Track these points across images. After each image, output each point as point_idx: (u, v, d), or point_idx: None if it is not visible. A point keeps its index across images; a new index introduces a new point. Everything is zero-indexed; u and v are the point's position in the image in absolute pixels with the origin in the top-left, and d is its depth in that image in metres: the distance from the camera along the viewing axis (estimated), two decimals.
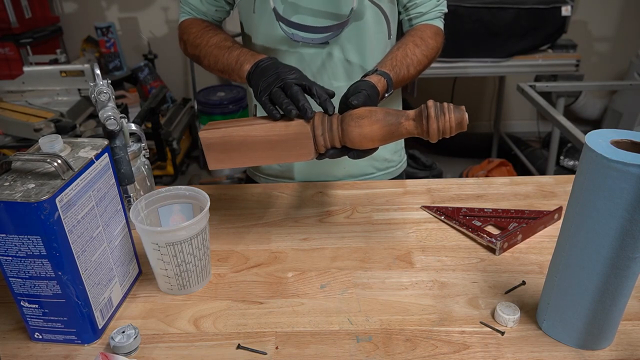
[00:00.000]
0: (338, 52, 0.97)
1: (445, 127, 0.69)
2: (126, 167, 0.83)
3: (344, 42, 0.96)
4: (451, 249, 0.85)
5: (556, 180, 1.05)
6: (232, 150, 0.76)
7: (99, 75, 0.79)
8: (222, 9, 1.03)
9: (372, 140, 0.73)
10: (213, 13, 1.03)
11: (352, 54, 0.97)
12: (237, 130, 0.76)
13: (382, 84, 0.83)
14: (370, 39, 0.97)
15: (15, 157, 0.62)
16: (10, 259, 0.60)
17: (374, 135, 0.72)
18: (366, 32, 0.96)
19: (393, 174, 1.16)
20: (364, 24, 0.95)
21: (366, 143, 0.73)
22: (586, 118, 3.39)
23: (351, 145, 0.74)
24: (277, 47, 0.98)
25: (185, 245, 0.71)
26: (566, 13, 2.47)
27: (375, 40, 0.98)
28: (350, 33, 0.95)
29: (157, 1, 3.26)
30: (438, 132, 0.70)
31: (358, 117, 0.73)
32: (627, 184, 0.53)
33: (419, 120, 0.71)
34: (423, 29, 0.98)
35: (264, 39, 0.99)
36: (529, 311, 0.70)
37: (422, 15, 1.00)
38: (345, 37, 0.95)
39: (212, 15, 1.03)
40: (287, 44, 0.96)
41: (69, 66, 2.54)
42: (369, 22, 0.96)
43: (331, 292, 0.75)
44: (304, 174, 1.10)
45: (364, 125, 0.72)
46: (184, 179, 3.11)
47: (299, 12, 0.93)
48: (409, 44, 0.93)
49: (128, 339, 0.64)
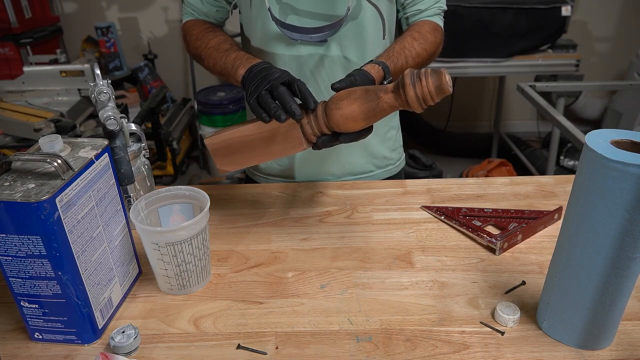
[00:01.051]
0: (336, 51, 0.97)
1: (424, 93, 0.67)
2: (126, 167, 0.83)
3: (342, 40, 0.96)
4: (451, 249, 0.85)
5: (556, 180, 1.05)
6: (235, 152, 0.79)
7: (99, 75, 0.79)
8: (223, 9, 1.03)
9: (355, 120, 0.72)
10: (214, 14, 1.03)
11: (350, 52, 0.97)
12: (235, 132, 0.78)
13: (375, 70, 0.82)
14: (368, 37, 0.97)
15: (15, 157, 0.62)
16: (10, 259, 0.60)
17: (355, 114, 0.71)
18: (364, 31, 0.96)
19: (392, 172, 1.16)
20: (361, 23, 0.95)
21: (350, 124, 0.72)
22: (586, 118, 3.39)
23: (337, 128, 0.74)
24: (275, 46, 0.98)
25: (185, 245, 0.71)
26: (566, 13, 2.47)
27: (373, 39, 0.98)
28: (348, 31, 0.95)
29: (157, 1, 3.26)
30: (417, 99, 0.67)
31: (337, 99, 0.73)
32: (627, 184, 0.53)
33: (397, 92, 0.69)
34: (421, 24, 0.98)
35: (262, 38, 0.99)
36: (529, 311, 0.70)
37: (420, 13, 1.00)
38: (344, 35, 0.95)
39: (213, 15, 1.04)
40: (285, 42, 0.96)
41: (69, 66, 2.54)
42: (366, 21, 0.95)
43: (331, 292, 0.75)
44: (303, 173, 1.10)
45: (344, 107, 0.71)
46: (184, 179, 3.11)
47: (294, 13, 0.93)
48: (406, 38, 0.93)
49: (128, 339, 0.64)
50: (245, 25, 1.03)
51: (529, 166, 2.80)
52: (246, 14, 1.00)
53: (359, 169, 1.11)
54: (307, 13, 0.93)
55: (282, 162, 1.11)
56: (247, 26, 1.02)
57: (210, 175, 3.20)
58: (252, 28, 1.00)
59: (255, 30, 1.00)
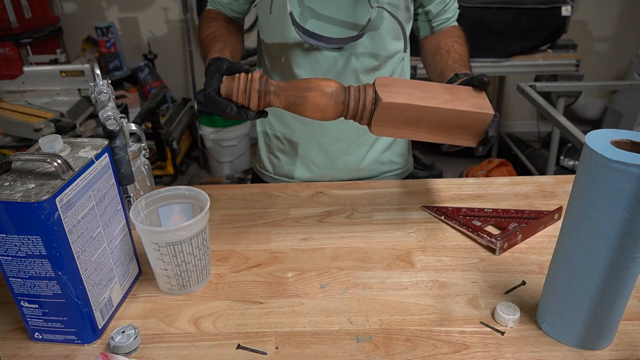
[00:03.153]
0: (353, 58, 0.97)
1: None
2: (126, 167, 0.83)
3: (359, 47, 0.96)
4: (451, 249, 0.85)
5: (556, 180, 1.05)
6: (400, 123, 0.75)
7: (99, 75, 0.79)
8: (236, 2, 1.03)
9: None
10: (227, 3, 1.04)
11: (366, 60, 0.98)
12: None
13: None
14: (385, 45, 0.98)
15: (15, 157, 0.62)
16: (10, 259, 0.60)
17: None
18: (382, 41, 0.97)
19: (400, 177, 1.16)
20: (380, 33, 0.96)
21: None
22: (586, 118, 3.39)
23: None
24: (291, 49, 0.98)
25: (185, 245, 0.71)
26: (566, 13, 2.47)
27: (390, 47, 0.99)
28: (366, 39, 0.95)
29: (157, 1, 3.26)
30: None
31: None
32: (627, 184, 0.53)
33: None
34: (454, 30, 1.03)
35: (279, 40, 0.99)
36: (529, 311, 0.70)
37: (448, 20, 1.03)
38: (361, 43, 0.95)
39: (228, 6, 1.04)
40: (302, 46, 0.96)
41: (69, 66, 2.54)
42: (384, 30, 0.96)
43: (331, 292, 0.75)
44: (310, 175, 1.10)
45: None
46: (184, 179, 3.12)
47: (316, 18, 0.93)
48: (454, 45, 0.97)
49: (128, 339, 0.64)
50: (263, 28, 1.03)
51: (529, 166, 2.80)
52: (264, 17, 1.00)
53: (365, 175, 1.11)
54: (328, 19, 0.93)
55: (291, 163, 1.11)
56: (265, 29, 1.02)
57: (210, 175, 3.20)
58: (269, 31, 1.01)
59: (272, 34, 1.00)
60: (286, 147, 1.10)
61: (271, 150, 1.13)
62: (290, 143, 1.09)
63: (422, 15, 1.03)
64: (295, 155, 1.09)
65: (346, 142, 1.06)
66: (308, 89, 0.72)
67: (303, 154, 1.08)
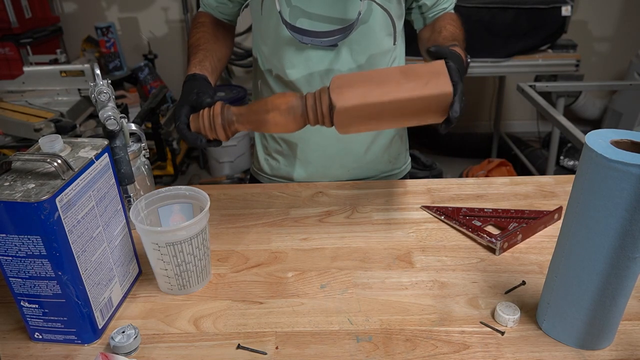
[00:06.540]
0: (346, 54, 0.97)
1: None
2: (126, 167, 0.83)
3: (352, 44, 0.96)
4: (451, 249, 0.85)
5: (556, 180, 1.05)
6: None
7: (99, 75, 0.79)
8: (224, 5, 1.03)
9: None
10: (216, 6, 1.04)
11: (360, 56, 0.97)
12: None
13: (463, 55, 0.85)
14: (378, 42, 0.98)
15: (15, 157, 0.62)
16: (10, 259, 0.60)
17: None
18: (374, 35, 0.96)
19: (397, 177, 1.16)
20: (371, 27, 0.95)
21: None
22: (586, 118, 3.39)
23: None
24: (285, 48, 0.98)
25: (185, 245, 0.71)
26: (566, 13, 2.47)
27: (382, 43, 0.99)
28: (358, 36, 0.95)
29: (157, 1, 3.26)
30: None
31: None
32: (627, 184, 0.53)
33: None
34: (450, 15, 1.03)
35: (273, 40, 0.99)
36: (529, 311, 0.70)
37: (443, 11, 1.03)
38: (354, 40, 0.95)
39: (217, 9, 1.04)
40: (295, 45, 0.96)
41: (69, 66, 2.53)
42: (376, 24, 0.96)
43: (331, 292, 0.75)
44: (308, 175, 1.10)
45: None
46: (184, 179, 3.11)
47: (304, 16, 0.93)
48: (447, 27, 0.96)
49: (128, 339, 0.64)
50: (256, 29, 1.03)
51: (529, 166, 2.80)
52: (257, 18, 1.00)
53: (363, 174, 1.11)
54: (318, 16, 0.93)
55: (288, 166, 1.11)
56: (257, 31, 1.02)
57: (210, 175, 3.20)
58: (262, 32, 1.01)
59: (266, 35, 1.00)
60: (284, 148, 1.10)
61: (269, 152, 1.13)
62: (288, 144, 1.09)
63: (416, 9, 1.03)
64: (294, 156, 1.09)
65: (344, 142, 1.06)
66: (265, 110, 0.75)
67: (301, 155, 1.08)
